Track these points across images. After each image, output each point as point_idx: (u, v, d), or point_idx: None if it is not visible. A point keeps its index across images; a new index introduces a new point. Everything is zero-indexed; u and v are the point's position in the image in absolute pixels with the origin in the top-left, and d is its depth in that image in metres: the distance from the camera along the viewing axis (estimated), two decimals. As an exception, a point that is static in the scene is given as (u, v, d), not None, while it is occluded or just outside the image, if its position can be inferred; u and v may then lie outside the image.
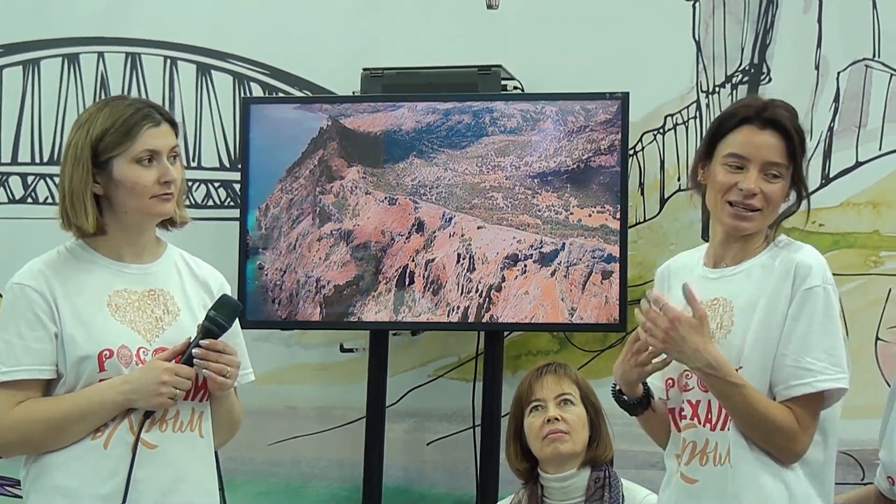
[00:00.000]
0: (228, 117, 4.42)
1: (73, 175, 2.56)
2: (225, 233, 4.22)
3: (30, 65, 4.54)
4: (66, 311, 2.55)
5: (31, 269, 2.59)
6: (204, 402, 2.62)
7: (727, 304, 2.54)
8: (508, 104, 3.99)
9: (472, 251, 3.93)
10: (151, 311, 2.61)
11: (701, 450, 2.52)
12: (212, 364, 2.54)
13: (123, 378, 2.52)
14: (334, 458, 4.30)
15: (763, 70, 4.08)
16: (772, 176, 2.53)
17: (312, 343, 4.33)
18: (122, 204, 2.58)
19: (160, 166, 2.58)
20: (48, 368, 2.55)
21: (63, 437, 2.52)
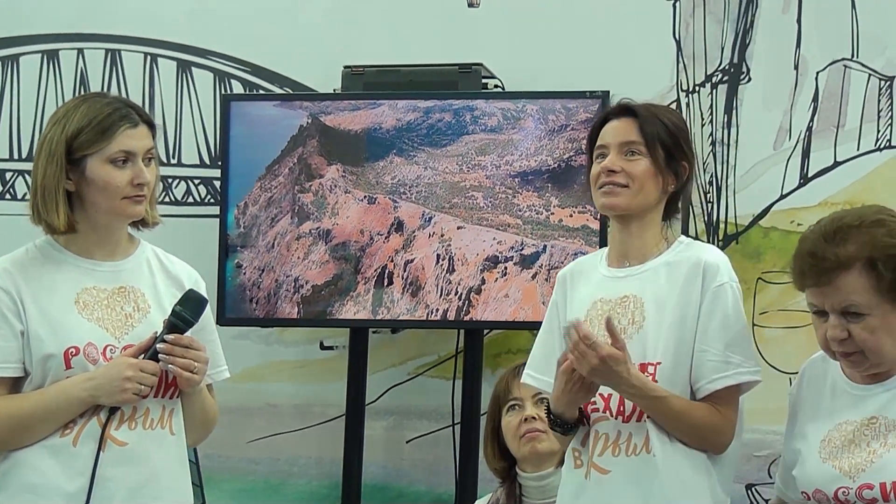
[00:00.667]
0: (209, 114, 4.41)
1: (47, 170, 2.54)
2: (205, 230, 4.21)
3: (9, 61, 4.53)
4: (33, 309, 2.53)
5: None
6: (174, 399, 2.61)
7: (637, 300, 2.62)
8: (489, 102, 3.99)
9: (451, 252, 3.93)
10: (121, 308, 2.59)
11: (613, 441, 2.58)
12: (177, 359, 2.53)
13: (88, 375, 2.50)
14: (313, 456, 4.30)
15: (742, 69, 4.10)
16: (630, 153, 2.64)
17: (292, 340, 4.33)
18: (94, 203, 2.57)
19: (135, 168, 2.56)
20: (13, 366, 2.53)
21: (29, 435, 2.51)
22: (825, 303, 2.39)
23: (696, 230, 4.12)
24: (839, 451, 2.44)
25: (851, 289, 2.36)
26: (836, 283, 2.37)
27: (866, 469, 2.42)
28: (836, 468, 2.44)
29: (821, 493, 2.45)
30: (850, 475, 2.42)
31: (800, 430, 2.55)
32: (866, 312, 2.38)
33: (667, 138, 2.66)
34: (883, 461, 2.40)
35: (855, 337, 2.38)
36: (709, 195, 4.10)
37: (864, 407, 2.46)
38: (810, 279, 2.39)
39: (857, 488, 2.40)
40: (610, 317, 2.56)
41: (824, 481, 2.45)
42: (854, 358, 2.41)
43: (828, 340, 2.41)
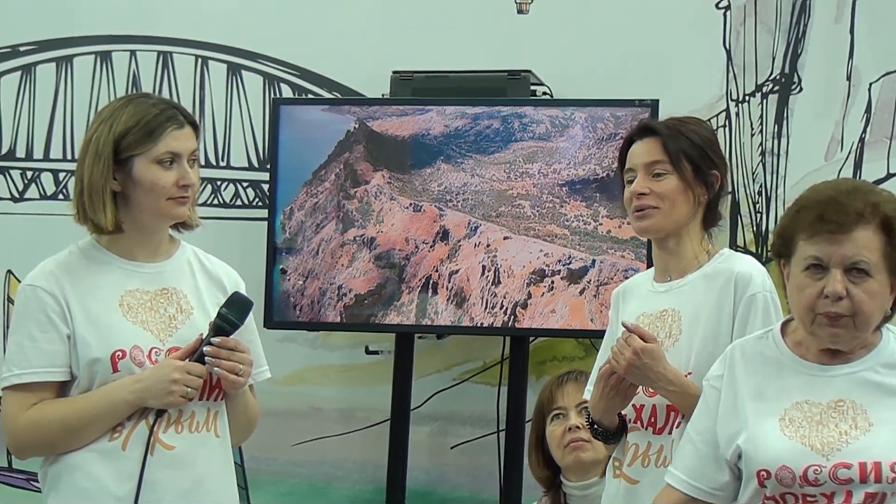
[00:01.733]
0: (258, 117, 4.44)
1: (94, 170, 2.54)
2: (252, 233, 4.23)
3: (63, 62, 4.57)
4: (78, 313, 2.53)
5: (42, 270, 2.57)
6: (219, 402, 2.61)
7: (675, 314, 2.65)
8: (537, 110, 3.98)
9: (497, 263, 3.92)
10: (164, 310, 2.59)
11: (643, 452, 2.60)
12: (223, 362, 2.53)
13: (135, 377, 2.50)
14: (358, 460, 4.31)
15: (794, 80, 4.06)
16: (656, 175, 2.66)
17: (337, 345, 4.34)
18: (139, 203, 2.57)
19: (180, 169, 2.56)
20: (60, 370, 2.53)
21: (77, 438, 2.52)
22: (834, 255, 2.25)
23: (744, 240, 4.10)
24: (806, 430, 2.30)
25: (864, 244, 2.25)
26: (853, 234, 2.25)
27: (842, 448, 2.28)
28: (807, 445, 2.29)
29: (787, 470, 2.27)
30: (823, 453, 2.27)
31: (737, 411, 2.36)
32: (871, 274, 2.26)
33: (692, 151, 2.67)
34: (860, 443, 2.27)
35: (853, 297, 2.25)
36: (758, 205, 4.07)
37: (827, 389, 2.33)
38: (829, 225, 2.25)
39: (832, 466, 2.25)
40: (624, 321, 2.60)
41: (792, 457, 2.27)
42: (842, 322, 2.27)
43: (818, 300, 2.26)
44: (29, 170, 4.56)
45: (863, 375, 2.32)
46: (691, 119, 2.81)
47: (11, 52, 4.58)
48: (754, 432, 2.31)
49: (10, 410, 2.54)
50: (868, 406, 2.30)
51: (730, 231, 4.11)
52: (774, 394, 2.34)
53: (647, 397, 2.61)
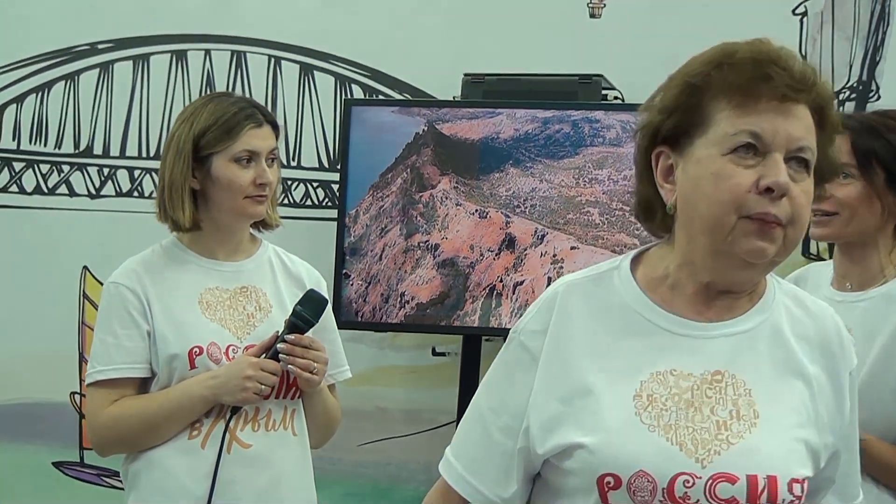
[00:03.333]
0: (329, 118, 4.45)
1: (174, 167, 2.58)
2: (321, 233, 4.25)
3: (139, 60, 4.62)
4: (158, 310, 2.57)
5: (125, 268, 2.63)
6: (296, 400, 2.62)
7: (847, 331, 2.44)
8: (608, 114, 3.95)
9: (564, 275, 3.89)
10: (243, 308, 2.61)
11: None
12: (298, 360, 2.54)
13: (211, 373, 2.53)
14: (422, 461, 4.31)
15: (872, 87, 4.00)
16: (841, 177, 2.43)
17: (404, 346, 4.34)
18: (217, 201, 2.60)
19: (258, 167, 2.58)
20: (141, 367, 2.57)
21: (157, 434, 2.54)
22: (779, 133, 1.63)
23: (818, 248, 4.04)
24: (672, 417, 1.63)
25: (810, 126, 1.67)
26: (799, 109, 1.66)
27: (721, 452, 1.62)
28: (674, 443, 1.61)
29: (647, 479, 1.59)
30: (696, 457, 1.61)
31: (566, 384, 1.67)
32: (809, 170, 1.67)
33: (887, 156, 2.42)
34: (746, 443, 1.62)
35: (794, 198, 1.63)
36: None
37: (703, 353, 1.67)
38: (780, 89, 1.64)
39: (710, 479, 1.59)
40: None
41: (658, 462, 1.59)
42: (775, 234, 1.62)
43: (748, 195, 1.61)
44: (105, 167, 4.62)
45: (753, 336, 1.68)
46: (889, 119, 2.46)
47: (90, 49, 4.63)
48: (598, 418, 1.62)
49: (93, 407, 2.59)
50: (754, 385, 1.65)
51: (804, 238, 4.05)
52: (625, 361, 1.66)
53: None
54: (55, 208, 4.62)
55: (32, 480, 4.52)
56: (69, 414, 4.49)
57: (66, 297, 4.53)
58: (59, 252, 4.56)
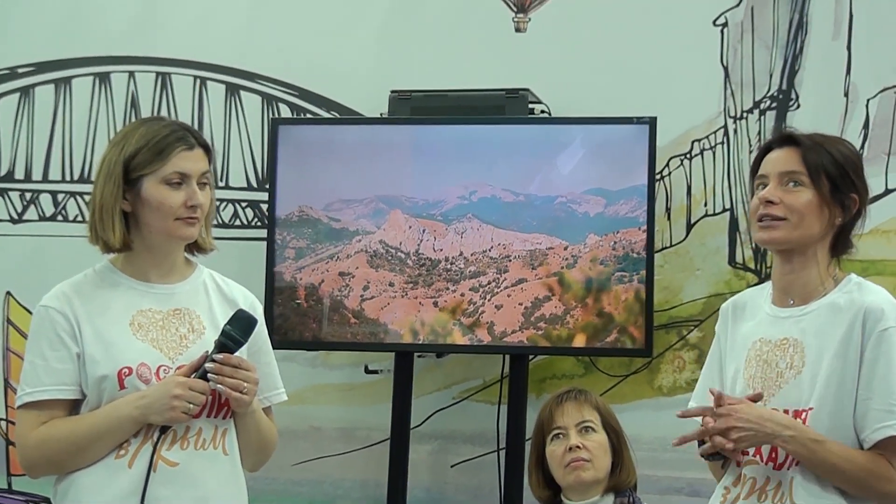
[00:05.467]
0: (256, 137, 4.44)
1: (105, 190, 2.58)
2: (251, 253, 4.24)
3: (62, 83, 4.58)
4: (88, 332, 2.57)
5: (56, 291, 2.63)
6: (227, 420, 2.62)
7: (798, 343, 2.51)
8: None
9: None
10: (176, 329, 2.61)
11: (761, 487, 2.49)
12: (227, 379, 2.54)
13: (139, 394, 2.53)
14: (358, 479, 4.31)
15: (791, 96, 4.07)
16: (791, 184, 2.53)
17: (337, 364, 4.34)
18: (148, 223, 2.60)
19: (188, 189, 2.59)
20: (70, 388, 2.56)
21: (85, 455, 2.54)
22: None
23: (743, 257, 4.10)
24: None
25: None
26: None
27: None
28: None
29: None
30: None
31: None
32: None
33: (833, 169, 2.52)
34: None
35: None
36: (756, 223, 4.07)
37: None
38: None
39: None
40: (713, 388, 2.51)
41: None
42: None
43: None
44: (28, 191, 4.57)
45: None
46: (837, 138, 2.66)
47: (10, 73, 4.59)
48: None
49: (22, 429, 2.58)
50: None
51: (728, 248, 4.11)
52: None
53: None
54: (-24, 234, 4.57)
55: (-40, 510, 4.46)
56: (-4, 441, 4.43)
57: (-10, 323, 4.47)
58: (-19, 278, 4.50)
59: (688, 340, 4.10)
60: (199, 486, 2.56)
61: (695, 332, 4.07)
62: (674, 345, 4.11)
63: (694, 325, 4.08)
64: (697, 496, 3.76)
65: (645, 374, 4.12)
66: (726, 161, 4.13)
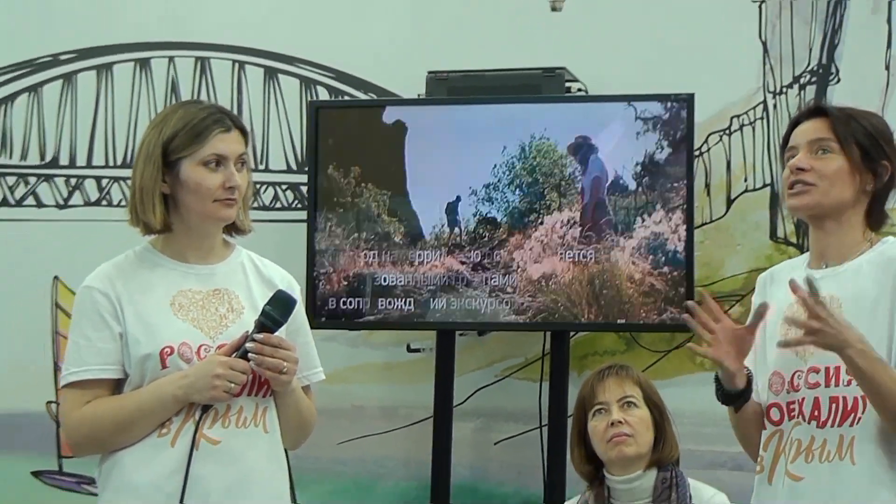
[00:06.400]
0: (295, 120, 4.47)
1: (144, 172, 2.61)
2: (292, 235, 4.26)
3: (103, 69, 4.62)
4: (130, 312, 2.59)
5: (98, 272, 2.65)
6: (267, 398, 2.63)
7: (835, 299, 2.51)
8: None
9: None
10: (216, 309, 2.64)
11: (807, 447, 2.49)
12: (266, 359, 2.55)
13: (182, 373, 2.55)
14: (401, 457, 4.33)
15: (831, 71, 4.05)
16: (821, 151, 2.55)
17: (379, 343, 4.37)
18: (187, 205, 2.62)
19: (226, 171, 2.61)
20: (113, 368, 2.59)
21: (129, 434, 2.56)
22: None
23: (785, 231, 4.10)
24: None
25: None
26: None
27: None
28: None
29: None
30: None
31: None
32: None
33: (863, 137, 2.55)
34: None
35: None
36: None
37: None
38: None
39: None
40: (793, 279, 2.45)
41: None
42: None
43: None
44: (73, 177, 4.62)
45: None
46: (867, 111, 2.67)
47: (52, 60, 4.63)
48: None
49: (66, 408, 2.61)
50: None
51: (770, 222, 4.10)
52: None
53: (809, 389, 2.49)
54: (23, 220, 4.62)
55: (11, 490, 4.51)
56: (46, 423, 4.48)
57: (38, 307, 4.52)
58: (29, 263, 4.55)
59: (729, 315, 4.08)
60: (241, 463, 2.58)
61: (736, 307, 4.07)
62: (715, 320, 4.11)
63: (735, 300, 4.08)
64: (741, 470, 3.76)
65: (686, 350, 4.11)
66: (766, 136, 4.12)
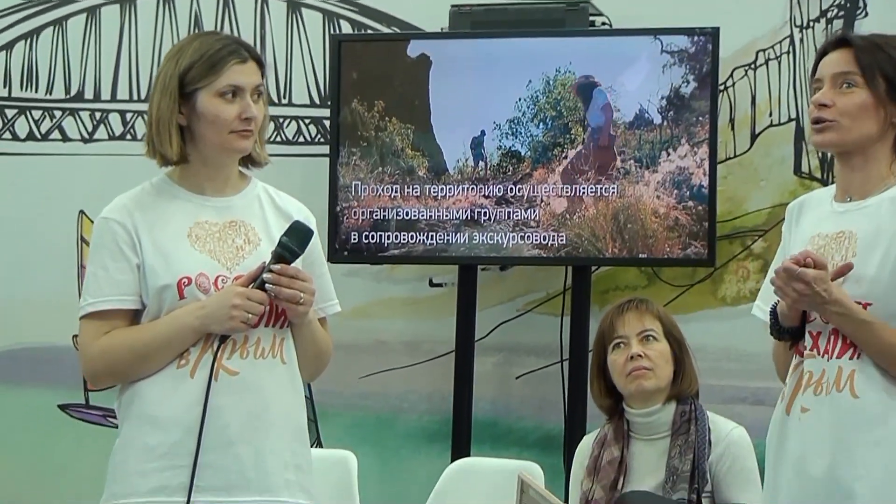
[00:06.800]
0: (318, 54, 4.46)
1: (161, 103, 2.59)
2: (315, 170, 4.27)
3: (126, 3, 4.62)
4: (147, 243, 2.59)
5: (115, 204, 2.65)
6: (284, 329, 2.63)
7: (852, 236, 2.48)
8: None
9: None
10: (232, 240, 2.63)
11: (816, 380, 2.48)
12: (283, 290, 2.55)
13: (199, 303, 2.55)
14: (424, 392, 4.36)
15: (859, 4, 4.01)
16: (845, 85, 2.49)
17: (402, 278, 4.38)
18: (203, 136, 2.61)
19: (242, 102, 2.59)
20: (131, 298, 2.59)
21: (147, 364, 2.57)
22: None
23: (809, 167, 4.07)
24: None
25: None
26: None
27: None
28: None
29: None
30: None
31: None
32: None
33: (889, 68, 2.48)
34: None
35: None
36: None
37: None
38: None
39: None
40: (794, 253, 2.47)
41: None
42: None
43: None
44: (97, 111, 4.63)
45: None
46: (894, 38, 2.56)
47: (76, -6, 4.64)
48: None
49: (85, 338, 2.62)
50: None
51: (794, 157, 4.08)
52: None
53: (823, 323, 2.49)
54: (49, 154, 4.64)
55: (38, 423, 4.57)
56: (72, 357, 4.46)
57: (63, 241, 4.56)
58: (54, 197, 4.58)
59: (752, 250, 4.09)
60: (259, 393, 2.58)
61: (759, 242, 4.06)
62: (738, 255, 4.11)
63: (758, 235, 4.07)
64: (761, 404, 3.77)
65: (708, 285, 4.12)
66: (792, 71, 4.08)
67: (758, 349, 3.63)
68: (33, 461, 4.55)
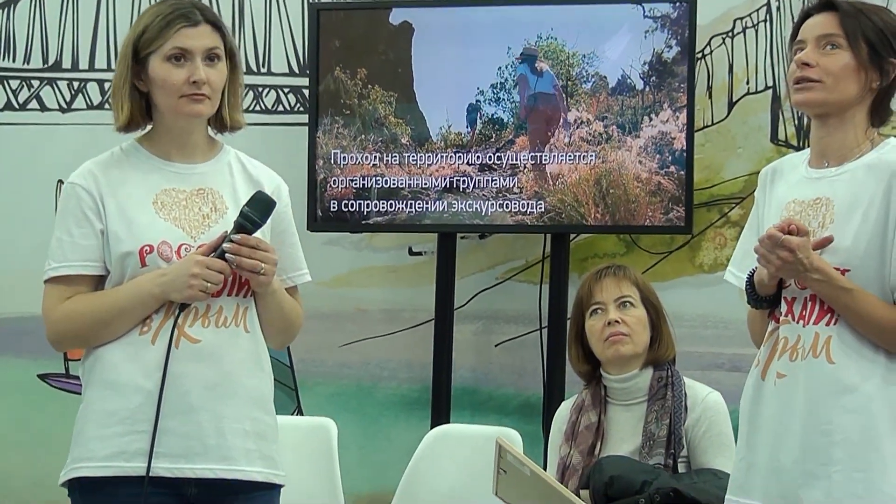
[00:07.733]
0: (297, 23, 4.45)
1: (119, 69, 2.62)
2: (294, 138, 4.27)
3: (104, -29, 4.60)
4: (112, 209, 2.59)
5: (83, 169, 2.65)
6: (248, 298, 2.63)
7: (829, 203, 2.50)
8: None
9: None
10: (199, 208, 2.63)
11: (792, 345, 2.50)
12: (244, 260, 2.55)
13: (160, 271, 2.56)
14: (403, 360, 4.38)
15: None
16: (828, 47, 2.51)
17: (381, 247, 4.39)
18: (158, 102, 2.62)
19: (191, 66, 2.58)
20: (94, 264, 2.60)
21: (109, 330, 2.57)
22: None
23: (786, 134, 4.09)
24: None
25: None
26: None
27: None
28: None
29: None
30: None
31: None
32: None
33: (872, 33, 2.50)
34: None
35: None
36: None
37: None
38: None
39: None
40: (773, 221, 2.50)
41: None
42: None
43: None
44: (76, 80, 4.61)
45: None
46: (878, 6, 2.60)
47: (53, -38, 4.61)
48: None
49: (48, 303, 2.63)
50: None
51: (771, 125, 4.10)
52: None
53: (799, 290, 2.50)
54: (27, 123, 4.63)
55: (18, 392, 4.57)
56: (52, 326, 4.52)
57: (42, 211, 4.53)
58: (33, 167, 4.57)
59: (729, 218, 4.11)
60: (221, 362, 2.58)
61: (736, 210, 4.08)
62: (715, 222, 4.13)
63: (735, 203, 4.09)
64: (738, 371, 3.80)
65: (686, 252, 4.15)
66: (769, 39, 4.09)
67: (734, 316, 3.67)
68: (13, 431, 4.56)
